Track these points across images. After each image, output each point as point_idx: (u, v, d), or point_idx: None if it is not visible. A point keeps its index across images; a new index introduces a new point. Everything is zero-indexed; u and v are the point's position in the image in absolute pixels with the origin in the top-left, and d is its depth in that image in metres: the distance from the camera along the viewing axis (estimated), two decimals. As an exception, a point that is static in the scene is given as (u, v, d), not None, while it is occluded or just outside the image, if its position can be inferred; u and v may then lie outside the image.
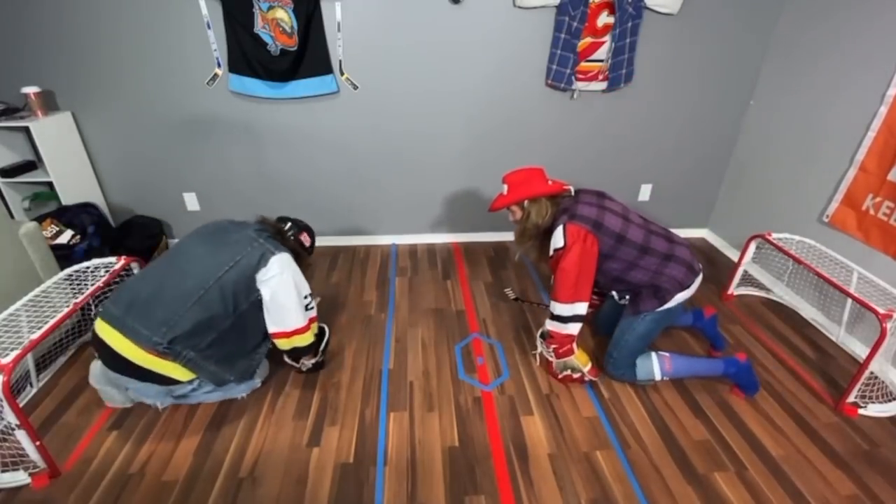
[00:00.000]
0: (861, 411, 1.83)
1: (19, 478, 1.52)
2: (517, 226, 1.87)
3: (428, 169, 2.88)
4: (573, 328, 1.80)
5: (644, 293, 1.81)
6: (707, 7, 2.50)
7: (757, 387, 1.88)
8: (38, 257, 2.02)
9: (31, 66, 2.42)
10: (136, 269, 2.07)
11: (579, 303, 1.75)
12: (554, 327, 1.83)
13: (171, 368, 1.59)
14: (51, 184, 2.48)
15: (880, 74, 2.02)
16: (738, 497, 1.51)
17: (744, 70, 2.72)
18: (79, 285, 1.89)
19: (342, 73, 2.55)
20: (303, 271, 1.78)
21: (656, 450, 1.68)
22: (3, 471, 1.53)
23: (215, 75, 2.51)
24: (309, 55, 2.46)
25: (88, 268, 1.94)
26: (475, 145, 2.82)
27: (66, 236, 2.41)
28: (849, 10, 2.17)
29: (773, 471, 1.60)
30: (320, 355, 1.96)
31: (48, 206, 2.57)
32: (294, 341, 1.77)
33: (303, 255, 1.90)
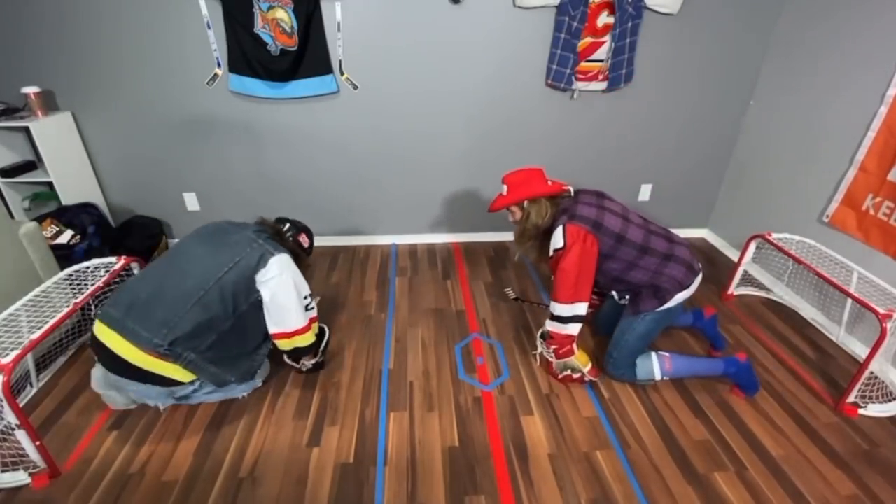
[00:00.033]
0: (861, 411, 1.83)
1: (19, 478, 1.52)
2: (517, 226, 1.87)
3: (428, 169, 2.88)
4: (573, 329, 1.80)
5: (644, 293, 1.81)
6: (707, 7, 2.51)
7: (757, 387, 1.88)
8: (38, 257, 2.02)
9: (31, 66, 2.42)
10: (136, 269, 2.08)
11: (579, 303, 1.75)
12: (554, 328, 1.83)
13: (171, 370, 1.59)
14: (51, 184, 2.48)
15: (880, 74, 2.02)
16: (738, 497, 1.52)
17: (744, 70, 2.72)
18: (79, 285, 1.89)
19: (342, 73, 2.55)
20: (302, 272, 1.78)
21: (656, 450, 1.68)
22: (3, 471, 1.53)
23: (215, 75, 2.51)
24: (309, 55, 2.46)
25: (88, 268, 1.94)
26: (475, 145, 2.82)
27: (66, 236, 2.41)
28: (849, 10, 2.17)
29: (773, 471, 1.60)
30: (320, 355, 1.96)
31: (48, 206, 2.57)
32: (295, 341, 1.77)
33: (302, 255, 1.90)
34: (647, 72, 2.65)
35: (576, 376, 1.91)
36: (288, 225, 1.90)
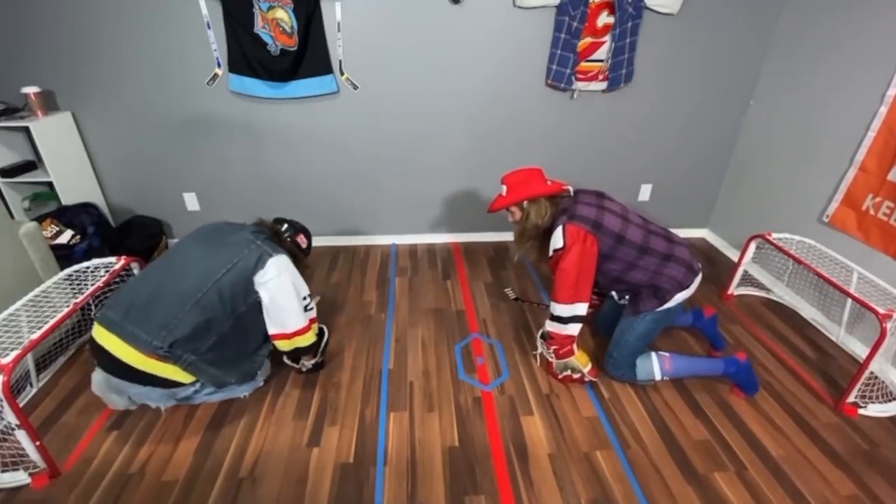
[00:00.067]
0: (861, 411, 1.83)
1: (19, 478, 1.52)
2: (517, 226, 1.87)
3: (428, 169, 2.88)
4: (573, 329, 1.80)
5: (644, 293, 1.81)
6: (707, 7, 2.51)
7: (757, 386, 1.88)
8: (38, 257, 2.02)
9: (31, 66, 2.42)
10: (136, 269, 2.07)
11: (579, 303, 1.75)
12: (554, 328, 1.83)
13: (171, 371, 1.58)
14: (51, 184, 2.48)
15: (880, 74, 2.02)
16: (738, 497, 1.52)
17: (744, 70, 2.72)
18: (79, 285, 1.89)
19: (342, 73, 2.55)
20: (301, 273, 1.78)
21: (656, 450, 1.68)
22: (3, 471, 1.53)
23: (215, 75, 2.51)
24: (309, 55, 2.46)
25: (88, 268, 1.94)
26: (475, 145, 2.82)
27: (66, 236, 2.41)
28: (849, 10, 2.17)
29: (773, 471, 1.60)
30: (320, 356, 1.96)
31: (48, 206, 2.57)
32: (295, 342, 1.77)
33: (300, 256, 1.90)
34: (647, 72, 2.65)
35: (576, 376, 1.91)
36: (286, 225, 1.90)
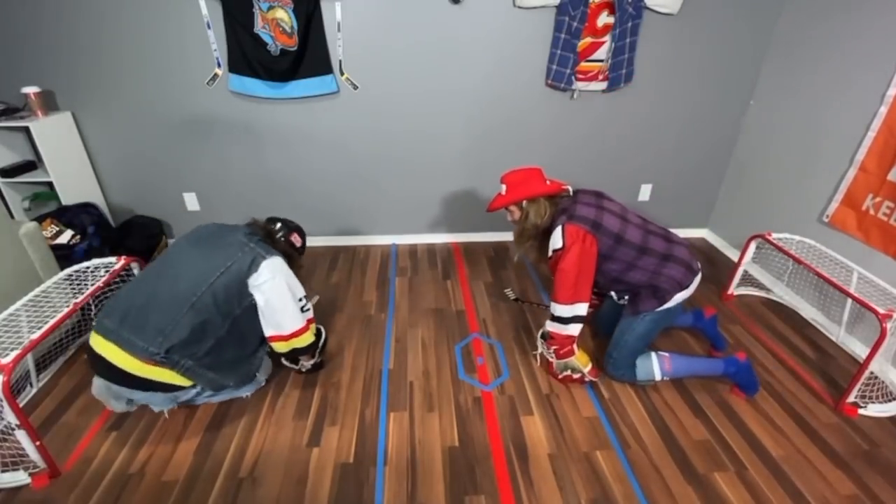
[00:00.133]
0: (861, 411, 1.83)
1: (19, 478, 1.52)
2: (516, 226, 1.87)
3: (428, 169, 2.88)
4: (574, 329, 1.80)
5: (643, 293, 1.81)
6: (707, 7, 2.51)
7: (757, 386, 1.88)
8: (38, 257, 2.02)
9: (31, 66, 2.42)
10: (136, 269, 2.07)
11: (579, 303, 1.75)
12: (554, 328, 1.83)
13: (169, 376, 1.57)
14: (51, 184, 2.48)
15: (880, 74, 2.02)
16: (738, 497, 1.52)
17: (744, 70, 2.72)
18: (79, 285, 1.89)
19: (342, 73, 2.55)
20: (296, 273, 1.77)
21: (656, 450, 1.68)
22: (3, 471, 1.53)
23: (215, 75, 2.51)
24: (309, 55, 2.46)
25: (88, 268, 1.94)
26: (475, 145, 2.82)
27: (66, 236, 2.41)
28: (849, 11, 2.17)
29: (773, 471, 1.60)
30: (318, 356, 1.96)
31: (48, 206, 2.57)
32: (293, 343, 1.76)
33: (294, 256, 1.88)
34: (647, 72, 2.65)
35: (576, 376, 1.91)
36: (279, 224, 1.87)
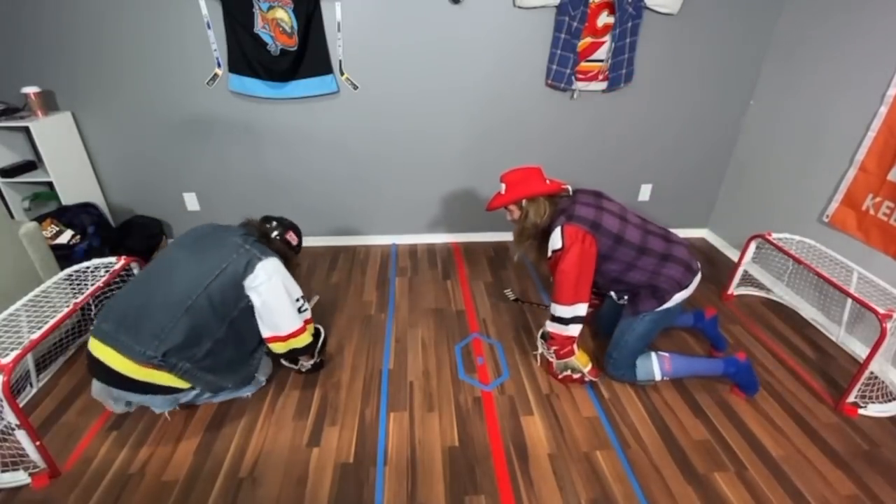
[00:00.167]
0: (861, 411, 1.83)
1: (19, 478, 1.52)
2: (515, 225, 1.87)
3: (428, 169, 2.88)
4: (574, 330, 1.80)
5: (642, 293, 1.81)
6: (707, 7, 2.51)
7: (757, 386, 1.88)
8: (38, 257, 2.02)
9: (31, 66, 2.42)
10: (136, 269, 2.07)
11: (580, 304, 1.75)
12: (555, 329, 1.82)
13: (168, 379, 1.57)
14: (51, 184, 2.48)
15: (880, 74, 2.02)
16: (738, 497, 1.52)
17: (744, 70, 2.72)
18: (79, 285, 1.89)
19: (342, 73, 2.55)
20: (292, 272, 1.76)
21: (656, 450, 1.68)
22: (3, 471, 1.53)
23: (215, 75, 2.51)
24: (309, 55, 2.46)
25: (88, 268, 1.94)
26: (475, 145, 2.82)
27: (66, 236, 2.41)
28: (849, 11, 2.17)
29: (773, 471, 1.60)
30: (318, 356, 1.95)
31: (48, 206, 2.57)
32: (290, 344, 1.76)
33: (290, 255, 1.86)
34: (647, 72, 2.65)
35: (576, 376, 1.91)
36: (274, 223, 1.85)
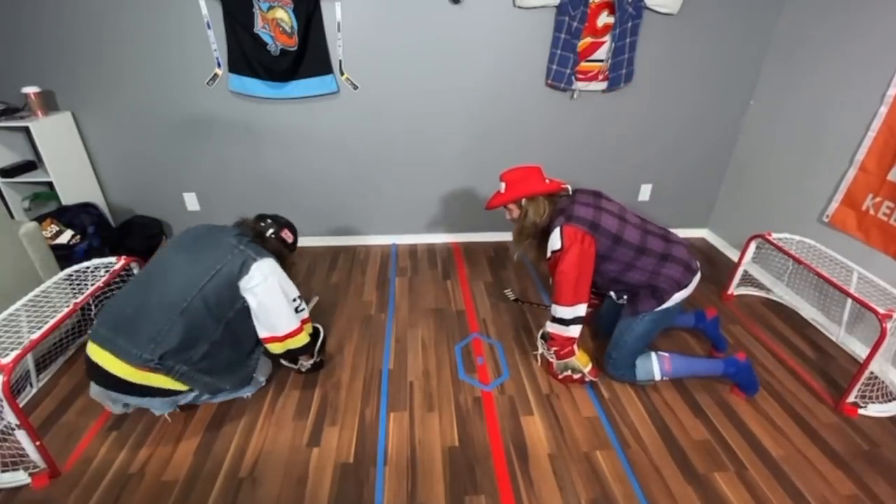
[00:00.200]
0: (861, 411, 1.83)
1: (19, 478, 1.52)
2: (515, 224, 1.87)
3: (428, 169, 2.88)
4: (574, 331, 1.80)
5: (642, 294, 1.81)
6: (707, 7, 2.51)
7: (757, 386, 1.88)
8: (38, 257, 2.02)
9: (31, 66, 2.42)
10: (136, 269, 2.07)
11: (580, 304, 1.75)
12: (556, 330, 1.82)
13: (166, 382, 1.57)
14: (51, 184, 2.48)
15: (880, 75, 2.02)
16: (738, 497, 1.52)
17: (744, 70, 2.72)
18: (79, 285, 1.89)
19: (342, 73, 2.55)
20: (288, 271, 1.75)
21: (656, 450, 1.68)
22: (3, 471, 1.53)
23: (215, 75, 2.51)
24: (309, 55, 2.46)
25: (88, 268, 1.94)
26: (475, 145, 2.82)
27: (66, 236, 2.41)
28: (849, 11, 2.17)
29: (773, 471, 1.60)
30: (317, 355, 1.95)
31: (48, 206, 2.58)
32: (288, 344, 1.75)
33: (286, 253, 1.85)
34: (647, 72, 2.65)
35: (576, 377, 1.91)
36: (269, 221, 1.84)
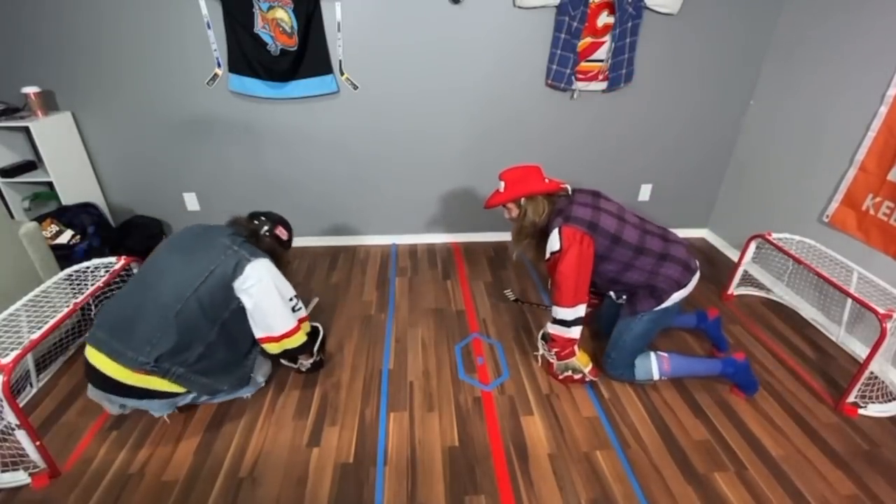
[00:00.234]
0: (861, 411, 1.83)
1: (19, 478, 1.52)
2: (514, 224, 1.87)
3: (428, 169, 2.88)
4: (576, 332, 1.80)
5: (641, 293, 1.81)
6: (707, 7, 2.50)
7: (756, 386, 1.88)
8: (38, 257, 2.02)
9: (31, 66, 2.42)
10: (136, 269, 2.07)
11: (580, 305, 1.75)
12: (557, 331, 1.82)
13: (163, 384, 1.57)
14: (51, 184, 2.48)
15: (880, 74, 2.02)
16: (738, 497, 1.52)
17: (744, 70, 2.72)
18: (79, 285, 1.89)
19: (342, 73, 2.55)
20: (283, 270, 1.74)
21: (656, 450, 1.68)
22: (3, 471, 1.53)
23: (215, 75, 2.51)
24: (309, 55, 2.46)
25: (88, 268, 1.94)
26: (475, 145, 2.82)
27: (66, 236, 2.41)
28: (849, 11, 2.17)
29: (773, 471, 1.60)
30: (317, 354, 1.95)
31: (48, 206, 2.57)
32: (284, 344, 1.74)
33: (280, 251, 1.84)
34: (647, 72, 2.65)
35: (577, 377, 1.91)
36: (262, 219, 1.81)
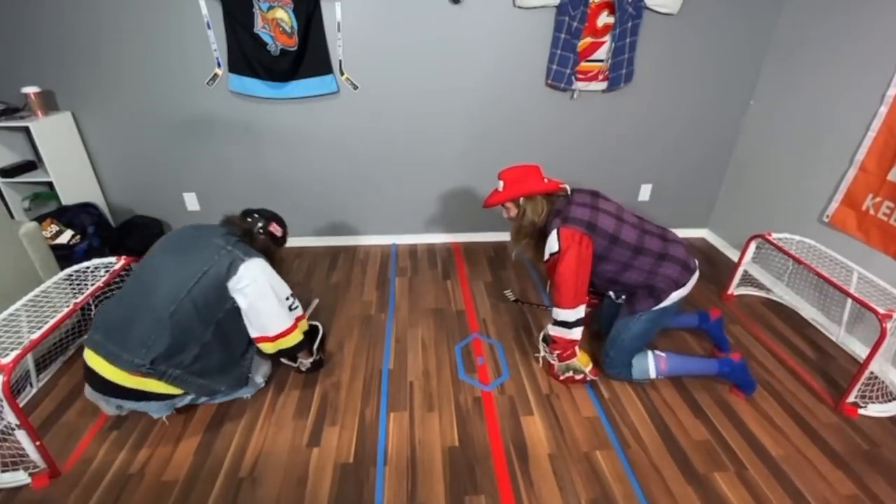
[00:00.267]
0: (861, 411, 1.83)
1: (19, 478, 1.52)
2: (513, 223, 1.87)
3: (428, 169, 2.88)
4: (577, 333, 1.80)
5: (639, 293, 1.81)
6: (707, 7, 2.50)
7: (754, 385, 1.88)
8: (38, 257, 2.02)
9: (31, 66, 2.42)
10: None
11: (581, 306, 1.75)
12: (559, 333, 1.82)
13: (160, 386, 1.57)
14: (51, 184, 2.48)
15: (880, 75, 2.02)
16: (738, 497, 1.52)
17: (744, 70, 2.72)
18: (79, 285, 1.89)
19: (342, 73, 2.55)
20: (277, 268, 1.73)
21: (656, 450, 1.68)
22: (3, 471, 1.53)
23: (215, 75, 2.51)
24: (309, 55, 2.46)
25: (88, 268, 1.94)
26: (475, 145, 2.82)
27: (66, 236, 2.41)
28: (849, 11, 2.17)
29: (773, 471, 1.60)
30: (317, 353, 1.95)
31: (48, 206, 2.57)
32: (279, 344, 1.74)
33: (274, 249, 1.83)
34: (647, 72, 2.65)
35: (578, 377, 1.91)
36: (256, 216, 1.80)
